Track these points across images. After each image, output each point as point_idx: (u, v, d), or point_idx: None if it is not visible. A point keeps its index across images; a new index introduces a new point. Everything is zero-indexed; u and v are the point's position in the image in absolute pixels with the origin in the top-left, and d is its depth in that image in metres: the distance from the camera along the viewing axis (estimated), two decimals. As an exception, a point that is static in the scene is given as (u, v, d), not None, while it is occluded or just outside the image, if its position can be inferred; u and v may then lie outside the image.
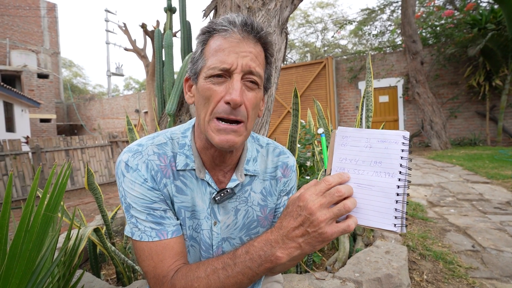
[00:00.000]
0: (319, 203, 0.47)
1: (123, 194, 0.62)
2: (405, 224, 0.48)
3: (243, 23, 0.59)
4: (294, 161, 0.79)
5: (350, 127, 0.56)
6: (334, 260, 1.63)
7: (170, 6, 2.27)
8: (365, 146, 0.52)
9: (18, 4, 16.68)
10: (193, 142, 0.67)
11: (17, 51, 15.54)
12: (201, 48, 0.62)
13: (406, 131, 0.51)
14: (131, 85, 33.48)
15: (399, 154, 0.50)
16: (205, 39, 0.62)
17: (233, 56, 0.57)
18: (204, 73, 0.60)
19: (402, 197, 0.48)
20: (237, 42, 0.58)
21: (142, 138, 0.69)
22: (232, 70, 0.57)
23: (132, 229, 0.62)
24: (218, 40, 0.59)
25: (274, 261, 0.50)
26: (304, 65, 10.05)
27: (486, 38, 6.55)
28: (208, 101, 0.59)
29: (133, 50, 10.03)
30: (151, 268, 0.60)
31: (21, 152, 5.83)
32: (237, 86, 0.56)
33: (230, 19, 0.59)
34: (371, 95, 1.53)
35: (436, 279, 1.62)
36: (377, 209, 0.49)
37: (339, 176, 0.51)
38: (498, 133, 7.25)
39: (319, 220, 0.47)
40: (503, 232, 2.19)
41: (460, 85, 8.15)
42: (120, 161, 0.63)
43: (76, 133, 18.54)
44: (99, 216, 2.30)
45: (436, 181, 3.94)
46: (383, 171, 0.50)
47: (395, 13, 12.78)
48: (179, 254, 0.62)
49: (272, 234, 0.52)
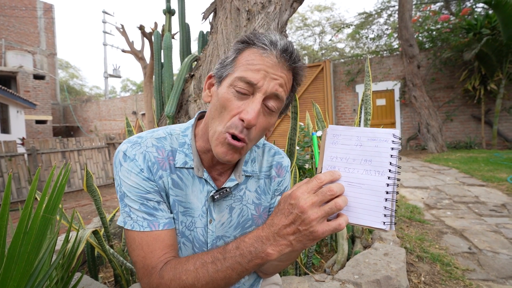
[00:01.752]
0: (311, 202, 0.47)
1: (119, 183, 0.63)
2: (394, 222, 0.48)
3: (284, 48, 0.58)
4: (288, 162, 0.79)
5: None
6: (333, 262, 1.63)
7: (169, 8, 2.28)
8: (355, 145, 0.52)
9: (14, 5, 16.58)
10: (193, 141, 0.68)
11: (13, 51, 15.42)
12: (234, 55, 0.62)
13: (397, 129, 0.51)
14: (129, 87, 33.38)
15: (389, 153, 0.50)
16: (241, 48, 0.61)
17: (262, 74, 0.57)
18: (229, 80, 0.60)
19: (392, 195, 0.48)
20: (272, 64, 0.58)
21: (142, 132, 0.69)
22: (256, 87, 0.57)
23: (125, 218, 0.63)
24: (253, 55, 0.59)
25: (265, 258, 0.51)
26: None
27: (481, 43, 6.64)
28: (224, 111, 0.59)
29: (130, 52, 10.01)
30: (140, 258, 0.60)
31: (16, 153, 5.77)
32: (256, 107, 0.57)
33: (273, 40, 0.59)
34: (369, 98, 1.54)
35: (434, 281, 1.62)
36: (367, 207, 0.49)
37: (331, 174, 0.51)
38: (493, 137, 7.33)
39: (311, 218, 0.47)
40: (499, 234, 2.21)
41: (456, 89, 8.25)
42: (118, 151, 0.64)
43: (73, 135, 18.41)
44: (97, 219, 2.29)
45: (433, 184, 3.97)
46: (373, 169, 0.50)
47: (392, 17, 12.90)
48: (170, 246, 0.62)
49: (263, 231, 0.52)
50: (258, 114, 0.58)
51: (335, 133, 0.55)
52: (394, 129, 0.51)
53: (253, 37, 0.60)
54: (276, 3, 1.86)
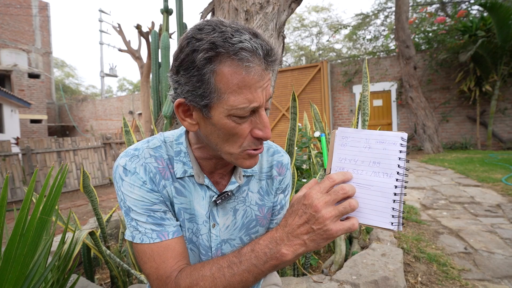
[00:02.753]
0: (324, 201, 0.48)
1: (122, 198, 0.62)
2: (402, 223, 0.49)
3: (266, 53, 0.51)
4: (288, 159, 0.79)
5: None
6: (330, 263, 1.64)
7: (167, 8, 2.26)
8: (364, 147, 0.53)
9: (9, 2, 16.38)
10: (189, 149, 0.67)
11: (7, 50, 15.23)
12: (209, 76, 0.50)
13: (405, 132, 0.52)
14: (125, 87, 33.16)
15: (397, 155, 0.51)
16: (213, 68, 0.50)
17: (259, 92, 0.53)
18: (225, 110, 0.52)
19: (400, 197, 0.49)
20: (261, 76, 0.52)
21: (137, 142, 0.68)
22: (259, 107, 0.55)
23: (133, 232, 0.62)
24: (238, 74, 0.50)
25: (280, 258, 0.51)
26: (300, 68, 10.12)
27: (476, 45, 6.71)
28: (233, 137, 0.56)
29: (127, 51, 9.95)
30: (153, 270, 0.59)
31: (10, 153, 5.69)
32: (268, 123, 0.56)
33: (251, 48, 0.49)
34: (367, 99, 1.55)
35: (430, 281, 1.63)
36: (376, 208, 0.50)
37: (343, 174, 0.51)
38: (488, 137, 7.41)
39: (325, 217, 0.47)
40: (494, 234, 2.24)
41: (452, 90, 8.32)
42: (117, 166, 0.63)
43: (68, 135, 18.24)
44: (93, 219, 2.26)
45: (429, 184, 4.00)
46: (382, 171, 0.51)
47: (389, 19, 13.00)
48: (181, 254, 0.62)
49: (277, 232, 0.52)
50: (269, 124, 0.57)
51: (344, 135, 0.56)
52: (402, 132, 0.52)
53: (224, 48, 0.49)
54: (274, 3, 1.86)
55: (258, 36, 0.52)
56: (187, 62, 0.52)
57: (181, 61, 0.53)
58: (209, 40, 0.49)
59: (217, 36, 0.49)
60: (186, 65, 0.52)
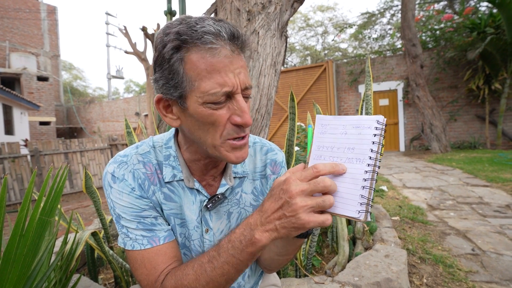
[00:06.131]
0: (301, 189, 0.45)
1: (112, 205, 0.62)
2: (370, 211, 0.45)
3: (231, 36, 0.52)
4: (283, 156, 0.77)
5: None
6: (333, 264, 1.62)
7: (170, 9, 2.28)
8: (341, 133, 0.51)
9: (18, 7, 16.76)
10: (179, 152, 0.66)
11: (16, 53, 15.58)
12: (179, 67, 0.52)
13: (381, 115, 0.48)
14: (132, 88, 33.56)
15: (371, 139, 0.47)
16: (180, 56, 0.52)
17: (230, 75, 0.52)
18: (198, 98, 0.52)
19: (370, 183, 0.46)
20: (229, 60, 0.52)
21: (126, 148, 0.68)
22: (233, 92, 0.53)
23: (124, 239, 0.62)
24: (205, 58, 0.51)
25: (255, 244, 0.49)
26: (305, 68, 10.08)
27: (485, 42, 6.57)
28: (213, 126, 0.55)
29: (133, 53, 10.08)
30: (144, 276, 0.59)
31: (19, 155, 5.81)
32: (245, 108, 0.54)
33: (213, 31, 0.50)
34: (370, 98, 1.53)
35: (436, 283, 1.60)
36: (345, 196, 0.47)
37: (332, 165, 0.47)
38: (498, 136, 7.25)
39: (298, 205, 0.45)
40: (503, 236, 2.18)
41: (460, 89, 8.18)
42: (106, 173, 0.63)
43: (76, 136, 18.54)
44: (98, 220, 2.29)
45: (436, 185, 3.93)
46: (355, 157, 0.48)
47: (395, 17, 12.84)
48: (172, 258, 0.61)
49: (252, 217, 0.51)
50: (247, 110, 0.55)
51: (323, 123, 0.53)
52: (379, 115, 0.48)
53: (187, 35, 0.50)
54: (276, 3, 1.86)
55: (222, 21, 0.53)
56: (160, 58, 0.54)
57: (156, 59, 0.55)
58: (175, 31, 0.51)
59: (182, 27, 0.51)
60: (159, 61, 0.54)
